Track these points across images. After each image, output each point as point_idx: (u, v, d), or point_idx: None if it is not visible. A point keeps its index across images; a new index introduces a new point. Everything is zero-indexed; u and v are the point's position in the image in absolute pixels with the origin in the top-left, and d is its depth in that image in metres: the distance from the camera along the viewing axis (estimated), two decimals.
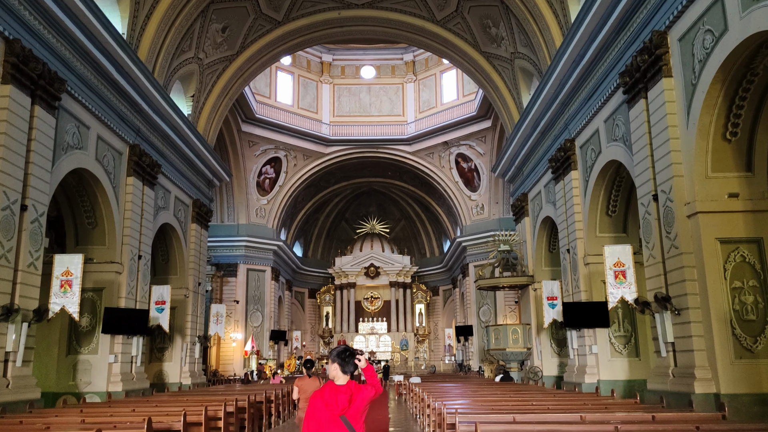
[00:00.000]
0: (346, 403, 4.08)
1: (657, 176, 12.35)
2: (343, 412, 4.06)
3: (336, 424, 4.04)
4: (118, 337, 16.68)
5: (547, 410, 8.19)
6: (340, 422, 4.05)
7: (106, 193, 16.45)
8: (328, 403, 4.09)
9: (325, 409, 4.08)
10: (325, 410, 4.08)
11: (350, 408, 4.09)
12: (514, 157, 23.56)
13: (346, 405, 4.07)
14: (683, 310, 11.33)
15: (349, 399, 4.11)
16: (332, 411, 4.05)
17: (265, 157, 35.26)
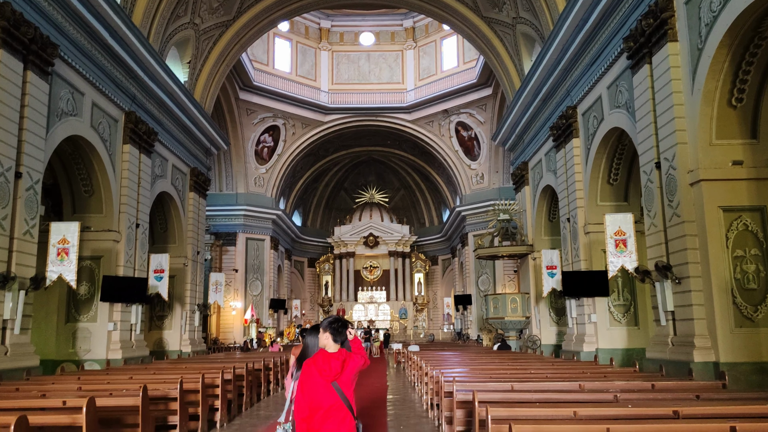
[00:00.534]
0: (338, 369, 4.18)
1: (660, 143, 12.17)
2: (335, 378, 4.16)
3: (327, 390, 4.14)
4: (116, 305, 16.67)
5: (545, 379, 8.16)
6: (332, 388, 4.15)
7: (102, 160, 16.26)
8: (320, 369, 4.18)
9: (318, 376, 4.16)
10: (317, 377, 4.16)
11: (342, 374, 4.20)
12: (515, 125, 23.29)
13: (338, 371, 4.17)
14: (684, 278, 11.26)
15: (341, 365, 4.20)
16: (324, 377, 4.15)
17: (264, 125, 34.92)
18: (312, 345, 4.88)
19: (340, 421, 4.13)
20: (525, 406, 5.24)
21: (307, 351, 4.92)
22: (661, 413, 4.85)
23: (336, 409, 4.14)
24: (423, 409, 10.88)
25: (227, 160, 34.22)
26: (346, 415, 4.16)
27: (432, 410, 9.70)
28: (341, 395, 4.17)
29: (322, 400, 4.14)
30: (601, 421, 4.33)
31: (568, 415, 4.84)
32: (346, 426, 4.16)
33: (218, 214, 33.83)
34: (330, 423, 4.11)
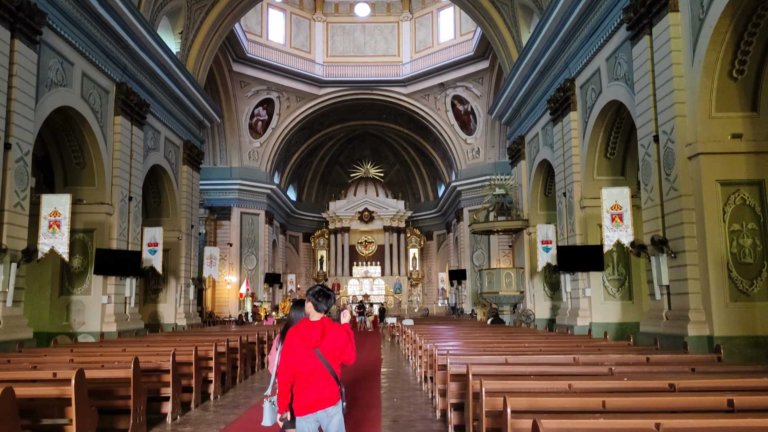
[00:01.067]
0: (318, 336, 4.28)
1: (658, 116, 12.03)
2: (316, 345, 4.26)
3: (310, 357, 4.25)
4: (110, 278, 16.60)
5: (539, 352, 8.13)
6: (314, 355, 4.25)
7: (94, 132, 16.04)
8: (302, 337, 4.29)
9: (300, 343, 4.28)
10: (300, 344, 4.28)
11: (323, 342, 4.28)
12: (512, 98, 23.06)
13: (318, 338, 4.27)
14: (680, 252, 11.21)
15: (321, 333, 4.29)
16: (306, 344, 4.25)
17: (257, 98, 34.53)
18: (296, 318, 4.90)
19: (322, 386, 4.23)
20: (519, 379, 5.19)
21: (291, 324, 4.91)
22: (656, 386, 4.81)
23: (319, 374, 4.24)
24: (416, 382, 10.89)
25: (221, 133, 33.89)
26: (329, 380, 4.26)
27: (426, 383, 9.70)
28: (324, 361, 4.25)
29: (304, 366, 4.24)
30: (597, 394, 4.28)
31: (563, 388, 4.79)
32: (328, 390, 4.26)
33: (212, 188, 33.62)
34: (313, 387, 4.22)
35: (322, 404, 4.22)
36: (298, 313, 4.92)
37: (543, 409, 4.16)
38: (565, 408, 4.13)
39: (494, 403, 4.31)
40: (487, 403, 4.30)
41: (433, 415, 7.63)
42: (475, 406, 4.98)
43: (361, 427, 6.99)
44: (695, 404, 4.17)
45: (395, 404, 8.58)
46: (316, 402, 4.21)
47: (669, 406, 4.20)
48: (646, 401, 4.22)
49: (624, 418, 3.47)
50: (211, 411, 8.10)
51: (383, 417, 7.55)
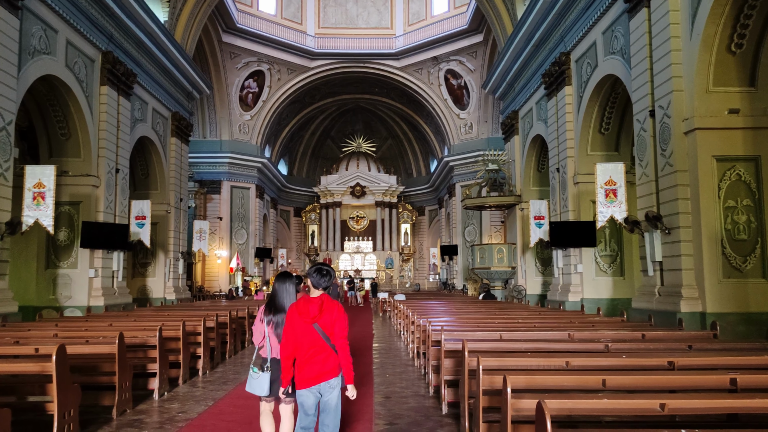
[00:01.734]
0: (317, 311, 4.40)
1: (655, 91, 11.85)
2: (315, 320, 4.39)
3: (310, 332, 4.38)
4: (97, 251, 16.38)
5: (533, 328, 8.04)
6: (314, 330, 4.38)
7: (79, 102, 15.69)
8: (301, 312, 4.43)
9: (299, 318, 4.41)
10: (299, 319, 4.41)
11: (321, 317, 4.40)
12: (506, 72, 22.76)
13: (317, 313, 4.39)
14: (674, 229, 11.12)
15: (319, 308, 4.42)
16: (305, 320, 4.39)
17: (248, 70, 33.96)
18: (280, 291, 4.96)
19: (323, 359, 4.36)
20: (516, 356, 5.07)
21: (275, 297, 4.98)
22: (655, 364, 4.70)
23: (319, 348, 4.37)
24: (409, 358, 10.81)
25: (210, 105, 33.39)
26: (329, 354, 4.38)
27: (418, 359, 9.61)
28: (323, 335, 4.37)
29: (304, 341, 4.38)
30: (596, 372, 4.16)
31: (560, 366, 4.67)
32: (329, 364, 4.39)
33: (202, 161, 33.23)
34: (314, 361, 4.35)
35: (324, 377, 4.35)
36: (281, 285, 4.97)
37: (542, 388, 4.05)
38: (564, 386, 4.02)
39: (492, 381, 4.19)
40: (484, 381, 4.17)
41: (425, 392, 7.54)
42: (471, 384, 4.88)
43: (353, 403, 6.87)
44: (696, 383, 4.06)
45: (387, 380, 8.49)
46: (318, 375, 4.33)
47: (669, 385, 4.10)
48: (647, 380, 4.11)
49: (627, 398, 3.35)
50: (200, 387, 7.97)
51: (375, 393, 7.45)
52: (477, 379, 4.27)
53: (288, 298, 4.92)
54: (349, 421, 6.07)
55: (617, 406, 3.30)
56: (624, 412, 3.31)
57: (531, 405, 3.30)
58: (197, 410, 6.53)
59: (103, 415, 6.15)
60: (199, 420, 6.09)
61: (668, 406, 3.15)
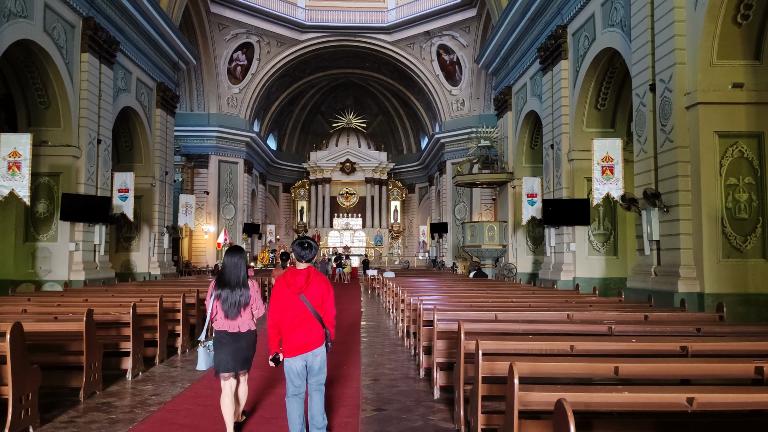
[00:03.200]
0: (303, 282, 4.55)
1: (656, 64, 11.43)
2: (302, 291, 4.53)
3: (296, 302, 4.53)
4: (78, 224, 15.88)
5: (529, 308, 7.69)
6: (300, 300, 4.53)
7: (58, 69, 15.06)
8: (289, 283, 4.57)
9: (287, 289, 4.56)
10: (286, 290, 4.56)
11: (308, 288, 4.55)
12: (500, 46, 22.22)
13: (303, 284, 4.54)
14: (673, 207, 10.80)
15: (306, 279, 4.56)
16: (292, 290, 4.53)
17: (236, 42, 33.12)
18: (229, 266, 4.94)
19: (309, 329, 4.52)
20: (516, 338, 4.70)
21: (224, 272, 4.94)
22: (667, 349, 4.35)
23: (304, 318, 4.52)
24: (398, 337, 10.48)
25: (198, 78, 32.60)
26: (314, 324, 4.54)
27: (407, 338, 9.27)
28: (309, 306, 4.52)
29: (290, 310, 4.52)
30: (606, 359, 3.80)
31: (564, 350, 4.32)
32: (314, 333, 4.55)
33: (189, 135, 32.55)
34: (300, 331, 4.51)
35: (310, 347, 4.51)
36: (230, 260, 4.95)
37: (548, 375, 3.70)
38: (573, 374, 3.67)
39: (492, 368, 3.82)
40: (483, 367, 3.80)
41: (416, 374, 7.19)
42: (467, 369, 4.52)
43: (340, 386, 6.53)
44: (717, 372, 3.72)
45: (376, 361, 8.14)
46: (304, 345, 4.50)
47: (685, 373, 3.76)
48: (661, 367, 3.76)
49: (651, 392, 3.00)
50: (178, 367, 7.58)
51: (363, 375, 7.09)
52: (476, 365, 3.90)
53: (237, 273, 4.89)
54: (335, 406, 5.72)
55: (641, 400, 2.95)
56: (648, 407, 2.97)
57: (541, 398, 2.96)
58: (172, 392, 6.13)
59: (70, 398, 5.75)
60: (173, 404, 5.70)
61: (697, 401, 2.81)
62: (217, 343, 4.88)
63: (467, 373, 4.52)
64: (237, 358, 4.84)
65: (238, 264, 4.96)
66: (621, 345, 4.40)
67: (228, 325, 4.87)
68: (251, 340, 4.98)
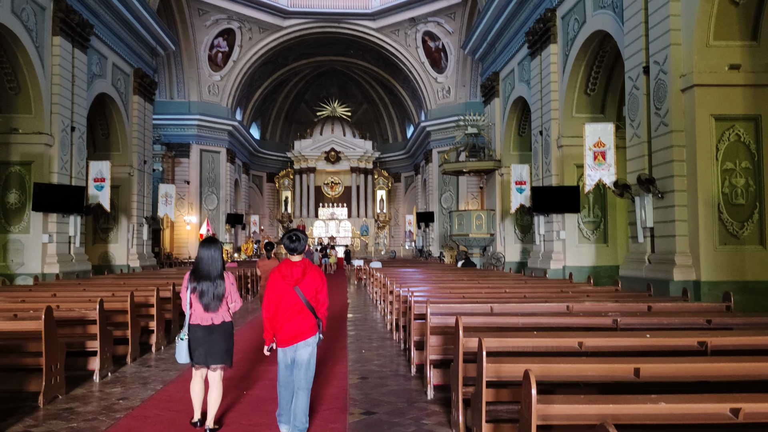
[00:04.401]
0: (299, 274, 4.61)
1: (650, 45, 11.07)
2: (297, 283, 4.59)
3: (290, 294, 4.59)
4: (52, 215, 15.30)
5: (524, 299, 7.31)
6: (294, 292, 4.59)
7: (28, 53, 14.43)
8: (284, 275, 4.62)
9: (282, 281, 4.61)
10: (281, 281, 4.62)
11: (303, 280, 4.61)
12: (487, 30, 21.77)
13: (299, 276, 4.60)
14: (667, 192, 10.47)
15: (302, 272, 4.62)
16: (287, 282, 4.59)
17: (217, 28, 32.33)
18: (205, 258, 4.85)
19: (302, 320, 4.58)
20: (518, 335, 4.29)
21: (199, 264, 4.84)
22: (684, 345, 3.98)
23: (298, 309, 4.57)
24: (386, 330, 10.05)
25: (178, 64, 31.80)
26: (307, 315, 4.60)
27: (397, 332, 8.87)
28: (303, 298, 4.57)
29: (284, 302, 4.58)
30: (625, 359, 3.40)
31: (572, 347, 3.94)
32: (307, 324, 4.60)
33: (169, 123, 31.81)
34: (293, 321, 4.56)
35: (302, 336, 4.56)
36: (206, 252, 4.84)
37: (560, 378, 3.31)
38: (587, 376, 3.29)
39: (498, 370, 3.40)
40: (488, 369, 3.38)
41: (406, 371, 6.75)
42: (466, 369, 4.10)
43: (326, 385, 6.11)
44: (746, 372, 3.34)
45: (364, 357, 7.70)
46: (296, 335, 4.55)
47: (712, 374, 3.37)
48: (683, 368, 3.35)
49: (691, 402, 2.61)
50: (151, 366, 7.08)
51: (350, 373, 6.64)
52: (479, 367, 3.48)
53: (213, 266, 4.79)
54: (320, 408, 5.29)
55: (681, 411, 2.56)
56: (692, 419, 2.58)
57: (568, 412, 2.55)
58: (142, 396, 5.62)
59: (30, 403, 5.23)
60: (142, 409, 5.20)
61: (744, 411, 2.43)
62: (192, 337, 4.78)
63: (466, 373, 4.12)
64: (210, 352, 4.76)
65: (215, 256, 4.86)
66: (634, 341, 4.02)
67: (202, 318, 4.77)
68: (227, 332, 4.86)
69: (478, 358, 3.46)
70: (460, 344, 4.12)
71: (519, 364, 3.20)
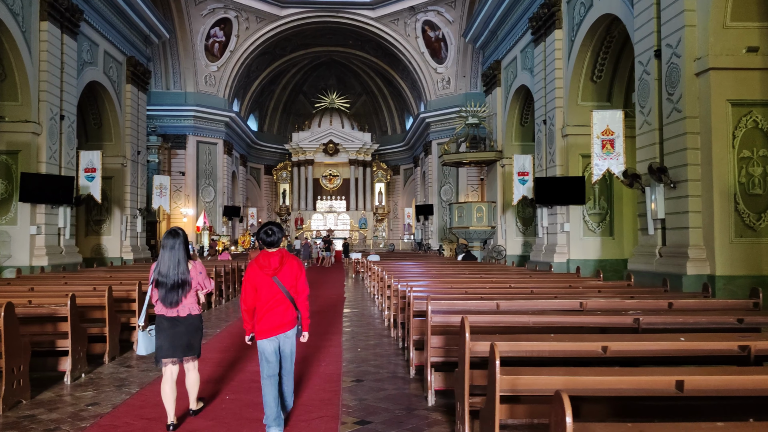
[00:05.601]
0: (277, 263, 4.52)
1: (662, 27, 10.54)
2: (275, 273, 4.50)
3: (269, 284, 4.50)
4: (40, 206, 14.81)
5: (530, 294, 6.83)
6: (273, 282, 4.50)
7: (14, 38, 13.89)
8: (261, 266, 4.53)
9: (260, 272, 4.52)
10: (259, 272, 4.52)
11: (281, 270, 4.53)
12: (489, 17, 21.21)
13: (277, 266, 4.51)
14: (680, 182, 9.97)
15: (279, 261, 4.54)
16: (265, 272, 4.50)
17: (214, 17, 31.71)
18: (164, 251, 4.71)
19: (283, 311, 4.50)
20: (531, 337, 3.77)
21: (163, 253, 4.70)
22: (724, 348, 3.50)
23: (278, 300, 4.50)
24: (384, 327, 9.54)
25: (174, 54, 31.20)
26: (288, 305, 4.53)
27: (395, 329, 8.38)
28: (282, 288, 4.50)
29: (264, 293, 4.50)
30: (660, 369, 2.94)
31: (596, 352, 3.46)
32: (288, 315, 4.54)
33: (165, 114, 31.25)
34: (274, 312, 4.48)
35: (283, 328, 4.51)
36: (167, 242, 4.70)
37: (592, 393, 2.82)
38: (620, 390, 2.79)
39: (514, 383, 2.91)
40: (504, 381, 2.88)
41: (405, 372, 6.23)
42: (473, 375, 3.61)
43: (318, 389, 5.61)
44: None
45: (359, 356, 7.20)
46: (277, 326, 4.49)
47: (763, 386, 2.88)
48: (729, 380, 2.87)
49: None
50: (131, 366, 6.57)
51: (344, 375, 6.13)
52: (491, 377, 2.98)
53: (172, 259, 4.62)
54: (310, 416, 4.80)
55: None
56: None
57: None
58: (114, 401, 5.11)
59: None
60: (111, 417, 4.66)
61: None
62: (157, 329, 4.70)
63: (473, 381, 3.63)
64: (176, 344, 4.63)
65: (175, 247, 4.70)
66: (665, 345, 3.53)
67: (166, 310, 4.67)
68: (193, 325, 4.73)
69: (490, 366, 2.96)
70: (466, 348, 3.60)
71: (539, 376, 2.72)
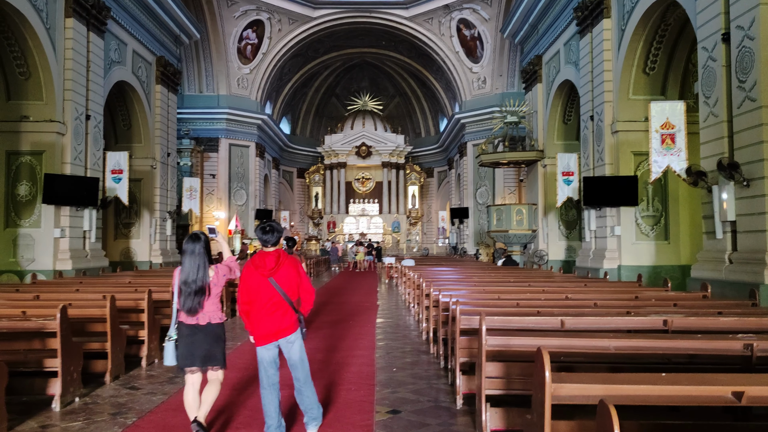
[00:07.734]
0: (273, 264, 4.34)
1: (731, 8, 9.47)
2: (271, 274, 4.31)
3: (265, 285, 4.32)
4: (65, 208, 14.37)
5: (594, 307, 5.88)
6: (269, 283, 4.31)
7: (38, 36, 13.47)
8: (256, 266, 4.36)
9: (255, 272, 4.35)
10: (254, 273, 4.35)
11: (278, 271, 4.34)
12: (530, 10, 20.19)
13: (272, 266, 4.33)
14: (755, 180, 8.88)
15: (276, 261, 4.35)
16: (261, 272, 4.33)
17: (246, 19, 31.33)
18: (185, 256, 4.47)
19: (281, 316, 4.31)
20: (634, 377, 2.81)
21: (184, 258, 4.48)
22: None
23: (276, 303, 4.31)
24: (422, 341, 8.62)
25: (207, 57, 30.89)
26: (287, 309, 4.34)
27: (434, 344, 7.49)
28: (280, 291, 4.31)
29: (261, 295, 4.32)
30: None
31: (727, 398, 2.54)
32: (287, 319, 4.34)
33: (198, 117, 30.99)
34: (273, 317, 4.29)
35: (282, 333, 4.32)
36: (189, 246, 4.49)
37: None
38: None
39: None
40: None
41: (450, 401, 5.24)
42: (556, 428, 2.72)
43: (347, 425, 4.73)
44: None
45: (395, 379, 6.26)
46: (276, 331, 4.30)
47: None
48: None
49: None
50: (135, 387, 5.76)
51: (378, 403, 5.20)
52: None
53: (193, 263, 4.41)
54: None
55: None
56: None
57: None
58: None
59: None
60: None
61: None
62: (178, 336, 4.51)
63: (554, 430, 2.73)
64: (194, 353, 4.42)
65: (195, 251, 4.47)
66: None
67: (186, 317, 4.48)
68: (213, 334, 4.46)
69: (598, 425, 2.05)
70: (547, 392, 2.65)
71: None
